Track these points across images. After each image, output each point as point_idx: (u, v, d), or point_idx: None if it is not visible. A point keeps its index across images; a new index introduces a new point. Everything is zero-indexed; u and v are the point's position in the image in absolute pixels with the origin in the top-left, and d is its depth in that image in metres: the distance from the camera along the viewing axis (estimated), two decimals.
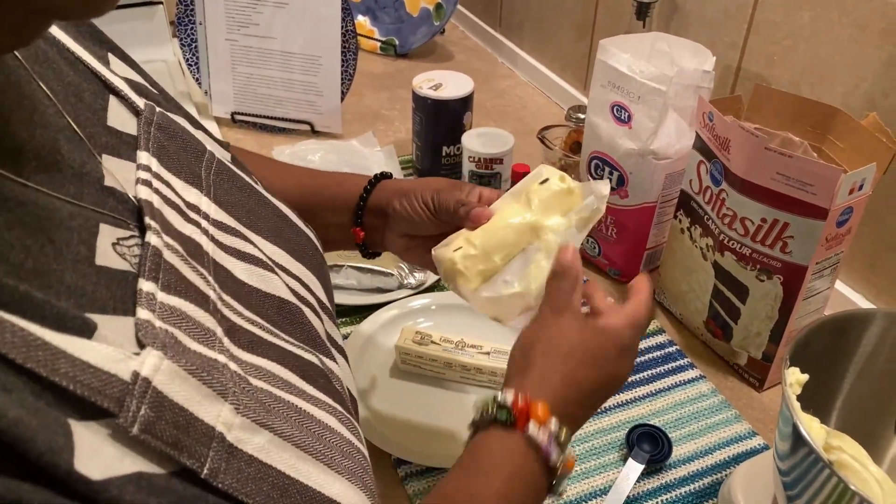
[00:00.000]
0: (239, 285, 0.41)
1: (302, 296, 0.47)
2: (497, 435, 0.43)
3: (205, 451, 0.30)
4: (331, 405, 0.41)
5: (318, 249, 0.55)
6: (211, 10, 1.11)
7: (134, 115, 0.43)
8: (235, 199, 0.47)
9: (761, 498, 0.60)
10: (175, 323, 0.33)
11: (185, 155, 0.45)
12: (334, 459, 0.37)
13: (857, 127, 0.68)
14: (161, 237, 0.36)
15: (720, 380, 0.76)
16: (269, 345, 0.40)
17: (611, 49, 0.79)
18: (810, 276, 0.67)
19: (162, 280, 0.34)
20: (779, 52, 0.85)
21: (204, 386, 0.31)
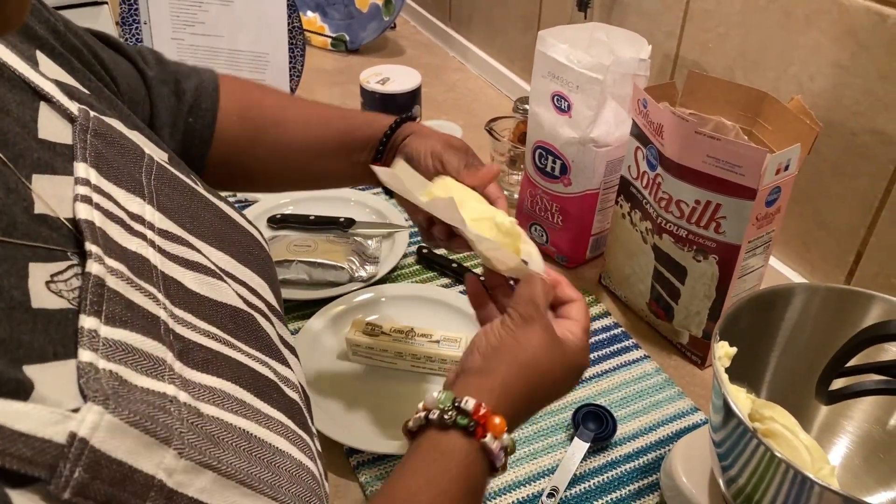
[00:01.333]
0: (191, 296, 0.41)
1: (252, 302, 0.47)
2: (451, 437, 0.42)
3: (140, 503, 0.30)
4: (282, 423, 0.41)
5: (263, 248, 0.55)
6: (155, 10, 1.10)
7: (68, 122, 0.41)
8: (178, 204, 0.47)
9: (700, 470, 0.62)
10: (121, 359, 0.32)
11: (125, 161, 0.43)
12: (281, 487, 0.37)
13: (783, 110, 0.70)
14: (103, 262, 0.35)
15: (664, 359, 0.79)
16: (224, 360, 0.40)
17: (549, 40, 0.81)
18: (744, 255, 0.70)
19: (105, 312, 0.33)
20: (713, 40, 0.88)
21: (146, 435, 0.31)
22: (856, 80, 0.73)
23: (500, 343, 0.47)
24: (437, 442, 0.42)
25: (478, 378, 0.45)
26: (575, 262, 0.92)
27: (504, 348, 0.47)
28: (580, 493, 0.65)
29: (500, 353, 0.46)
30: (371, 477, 0.65)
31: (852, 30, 0.72)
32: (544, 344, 0.47)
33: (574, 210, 0.87)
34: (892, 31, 0.68)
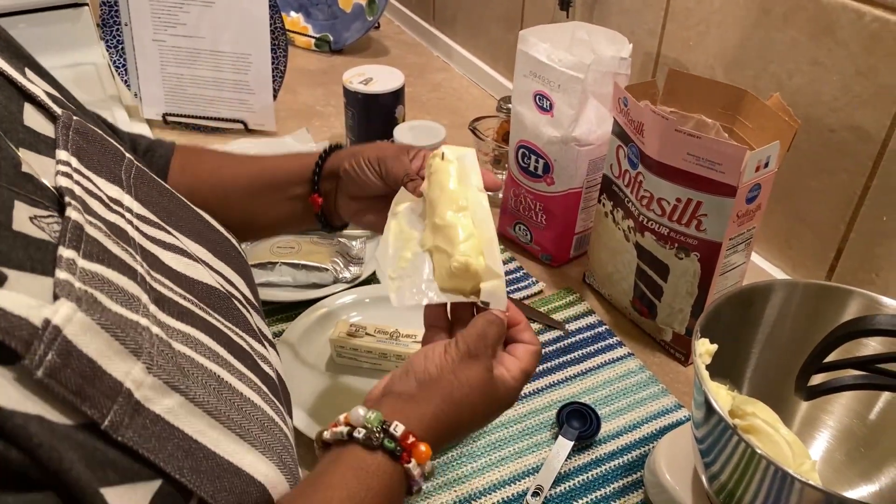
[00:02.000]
0: (167, 269, 0.42)
1: (228, 290, 0.48)
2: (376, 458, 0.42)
3: (108, 404, 0.31)
4: (255, 383, 0.42)
5: (240, 253, 0.56)
6: (136, 11, 1.09)
7: (51, 121, 0.43)
8: (156, 201, 0.48)
9: (683, 467, 0.62)
10: (96, 286, 0.33)
11: (105, 157, 0.45)
12: (251, 431, 0.38)
13: (763, 107, 0.71)
14: (82, 214, 0.36)
15: (648, 356, 0.79)
16: (199, 318, 0.41)
17: (531, 39, 0.81)
18: (725, 252, 0.70)
19: (84, 249, 0.34)
20: (693, 38, 0.88)
21: (116, 342, 0.32)
22: (833, 76, 0.74)
23: (439, 375, 0.46)
24: (361, 459, 0.41)
25: (410, 405, 0.45)
26: (559, 260, 0.92)
27: (442, 381, 0.46)
28: (565, 491, 0.65)
29: (437, 385, 0.46)
30: None
31: (829, 27, 0.72)
32: (481, 384, 0.47)
33: (557, 209, 0.87)
34: (869, 28, 0.69)
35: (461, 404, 0.46)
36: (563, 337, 0.81)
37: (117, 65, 1.15)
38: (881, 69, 0.69)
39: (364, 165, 0.59)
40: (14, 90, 0.42)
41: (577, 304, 0.86)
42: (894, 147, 0.70)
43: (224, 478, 0.36)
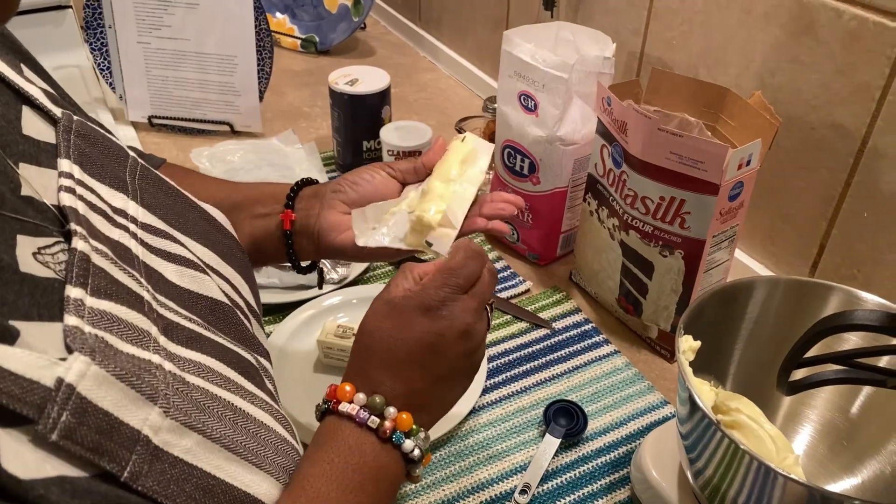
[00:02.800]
0: (171, 287, 0.41)
1: (233, 298, 0.48)
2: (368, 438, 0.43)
3: (127, 455, 0.31)
4: (267, 402, 0.42)
5: (244, 254, 0.55)
6: (120, 14, 1.08)
7: (51, 125, 0.42)
8: (163, 203, 0.47)
9: (669, 463, 0.63)
10: (106, 327, 0.33)
11: (108, 161, 0.44)
12: (266, 457, 0.38)
13: (745, 105, 0.72)
14: (88, 241, 0.35)
15: (634, 353, 0.80)
16: (207, 341, 0.41)
17: (515, 39, 0.81)
18: (709, 249, 0.71)
19: (91, 285, 0.33)
20: (677, 37, 0.89)
21: (132, 390, 0.31)
22: (814, 74, 0.74)
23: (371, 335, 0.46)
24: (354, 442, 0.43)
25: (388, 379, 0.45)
26: (546, 259, 0.92)
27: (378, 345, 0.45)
28: (552, 488, 0.65)
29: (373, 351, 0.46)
30: None
31: (810, 26, 0.73)
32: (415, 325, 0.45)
33: (543, 208, 0.87)
34: (848, 26, 0.70)
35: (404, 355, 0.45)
36: (550, 335, 0.81)
37: (102, 67, 1.15)
38: (860, 67, 0.70)
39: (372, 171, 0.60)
40: (11, 94, 0.41)
41: (564, 302, 0.86)
42: (874, 144, 0.71)
43: None
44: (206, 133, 1.16)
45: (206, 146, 1.09)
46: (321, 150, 1.11)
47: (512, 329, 0.82)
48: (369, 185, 0.60)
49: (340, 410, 0.44)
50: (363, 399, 0.44)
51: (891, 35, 0.67)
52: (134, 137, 1.14)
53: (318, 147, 1.11)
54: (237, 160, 1.05)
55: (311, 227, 0.59)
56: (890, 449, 0.58)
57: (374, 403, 0.43)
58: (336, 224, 0.59)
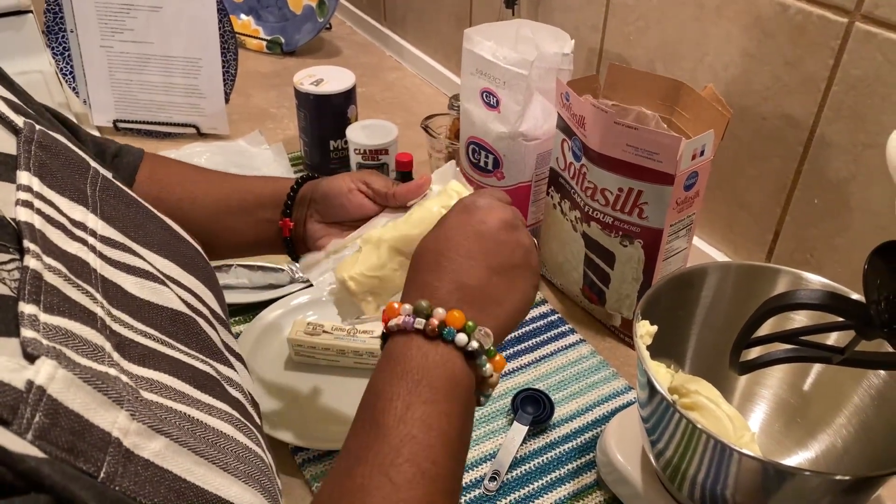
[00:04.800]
0: (130, 299, 0.41)
1: (195, 307, 0.48)
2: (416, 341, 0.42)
3: (101, 456, 0.31)
4: (226, 412, 0.42)
5: (207, 262, 0.56)
6: (81, 18, 1.08)
7: (12, 134, 0.42)
8: (122, 214, 0.47)
9: (632, 446, 0.65)
10: (61, 341, 0.33)
11: (69, 172, 0.44)
12: (230, 464, 0.39)
13: (698, 98, 0.74)
14: (41, 259, 0.35)
15: (599, 342, 0.82)
16: (161, 356, 0.41)
17: (475, 38, 0.83)
18: (667, 238, 0.73)
19: (44, 302, 0.34)
20: (634, 33, 0.91)
21: (99, 393, 0.32)
22: (764, 67, 0.77)
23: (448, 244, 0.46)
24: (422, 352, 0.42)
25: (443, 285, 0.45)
26: None
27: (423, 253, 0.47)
28: (521, 474, 0.67)
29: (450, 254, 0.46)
30: (317, 473, 0.66)
31: (758, 19, 0.76)
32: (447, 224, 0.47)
33: None
34: (793, 20, 0.72)
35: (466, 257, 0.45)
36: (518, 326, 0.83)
37: (65, 72, 1.14)
38: (806, 59, 0.73)
39: (349, 185, 0.60)
40: None
41: None
42: (821, 133, 0.74)
43: None
44: (173, 136, 1.16)
45: (173, 149, 1.09)
46: (289, 150, 1.12)
47: None
48: (337, 201, 0.61)
49: (389, 326, 0.43)
50: (409, 308, 0.43)
51: (834, 28, 0.69)
52: None
53: (285, 147, 1.11)
54: (204, 162, 1.05)
55: (300, 233, 0.63)
56: (839, 423, 0.61)
57: (420, 307, 0.42)
58: (313, 233, 0.62)
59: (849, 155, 0.72)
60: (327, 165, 1.07)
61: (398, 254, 0.54)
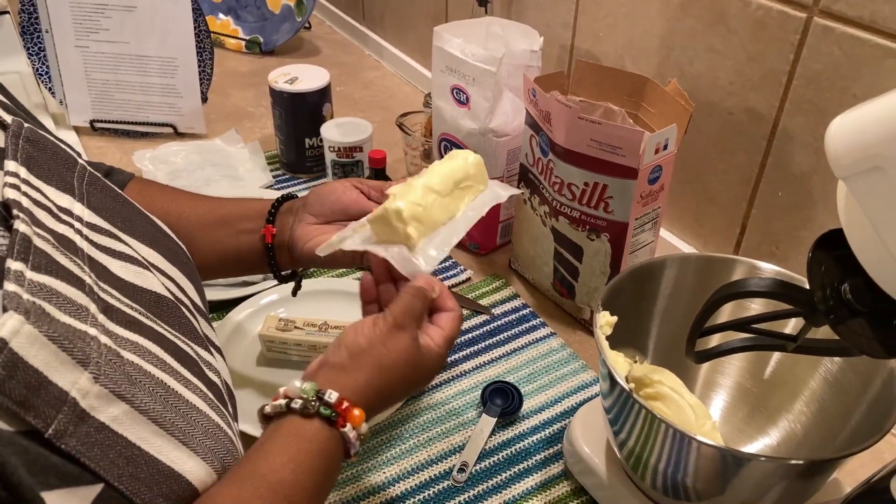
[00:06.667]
0: (115, 279, 0.42)
1: (177, 296, 0.49)
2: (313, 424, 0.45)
3: (53, 413, 0.32)
4: (202, 390, 0.43)
5: (190, 259, 0.57)
6: (56, 18, 1.08)
7: (1, 129, 0.43)
8: (109, 206, 0.48)
9: (598, 436, 0.66)
10: (44, 297, 0.34)
11: (56, 165, 0.45)
12: (194, 437, 0.40)
13: (662, 93, 0.75)
14: (31, 227, 0.36)
15: (569, 334, 0.83)
16: (148, 327, 0.42)
17: (445, 35, 0.84)
18: (632, 231, 0.74)
19: (32, 261, 0.35)
20: (603, 30, 0.92)
21: (63, 353, 0.33)
22: (728, 62, 0.78)
23: (369, 345, 0.50)
24: (300, 427, 0.45)
25: (342, 374, 0.48)
26: (486, 248, 0.95)
27: (371, 351, 0.50)
28: (489, 465, 0.68)
29: (366, 354, 0.50)
30: None
31: (722, 16, 0.77)
32: (408, 352, 0.51)
33: None
34: (755, 16, 0.74)
35: (390, 371, 0.50)
36: (490, 321, 0.84)
37: (40, 73, 1.14)
38: (768, 54, 0.74)
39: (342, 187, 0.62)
40: None
41: (503, 288, 0.89)
42: (784, 127, 0.75)
43: (164, 483, 0.37)
44: (150, 136, 1.17)
45: (150, 148, 1.09)
46: (266, 149, 1.12)
47: None
48: (333, 197, 0.63)
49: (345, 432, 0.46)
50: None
51: (793, 23, 0.71)
52: (76, 142, 1.14)
53: (262, 146, 1.12)
54: (180, 161, 1.05)
55: (286, 240, 0.64)
56: (798, 409, 0.62)
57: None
58: (304, 234, 0.63)
59: (810, 148, 0.73)
60: (303, 163, 1.07)
61: (430, 191, 0.57)
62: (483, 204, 0.61)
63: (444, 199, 0.57)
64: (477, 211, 0.60)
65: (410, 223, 0.55)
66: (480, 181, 0.61)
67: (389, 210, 0.55)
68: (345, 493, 0.65)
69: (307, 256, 0.62)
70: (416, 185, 0.57)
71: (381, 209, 0.55)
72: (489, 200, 0.61)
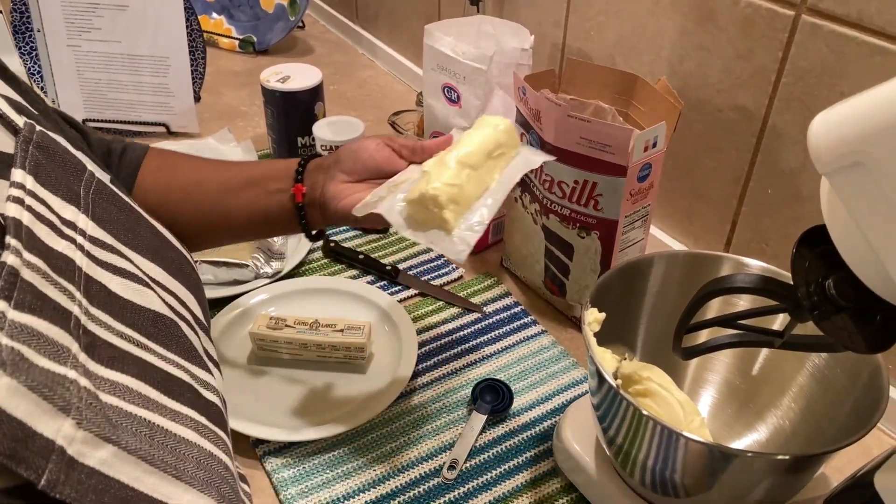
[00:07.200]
0: (112, 298, 0.42)
1: (178, 311, 0.48)
2: None
3: (43, 464, 0.31)
4: (192, 419, 0.42)
5: (194, 270, 0.56)
6: (48, 17, 1.08)
7: (12, 134, 0.42)
8: (114, 217, 0.47)
9: (588, 433, 0.66)
10: (24, 340, 0.33)
11: (64, 173, 0.44)
12: (187, 471, 0.39)
13: (652, 91, 0.75)
14: (21, 256, 0.35)
15: (560, 332, 0.83)
16: (133, 359, 0.41)
17: (436, 33, 0.84)
18: (622, 229, 0.74)
19: (16, 298, 0.34)
20: (594, 28, 0.93)
21: (44, 402, 0.32)
22: (717, 60, 0.78)
23: None
24: None
25: None
26: (479, 247, 0.95)
27: None
28: (480, 463, 0.68)
29: None
30: (278, 465, 0.67)
31: (711, 14, 0.77)
32: None
33: None
34: (743, 13, 0.74)
35: None
36: (482, 319, 0.84)
37: (32, 72, 1.14)
38: (757, 51, 0.74)
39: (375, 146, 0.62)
40: None
41: (495, 286, 0.89)
42: (773, 124, 0.75)
43: None
44: (143, 135, 1.16)
45: None
46: (258, 147, 1.12)
47: (444, 315, 0.85)
48: (366, 154, 0.62)
49: None
50: None
51: (781, 21, 0.71)
52: None
53: (255, 145, 1.12)
54: None
55: (317, 198, 0.63)
56: (786, 404, 0.62)
57: None
58: (338, 193, 0.62)
59: (799, 145, 0.73)
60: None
61: (465, 166, 0.57)
62: (515, 172, 0.60)
63: (477, 171, 0.58)
64: (509, 181, 0.60)
65: (447, 206, 0.55)
66: (512, 146, 0.61)
67: (427, 196, 0.55)
68: (334, 491, 0.65)
69: (340, 215, 0.62)
70: (450, 161, 0.57)
71: (418, 193, 0.55)
72: (521, 167, 0.61)
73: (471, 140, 0.59)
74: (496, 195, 0.58)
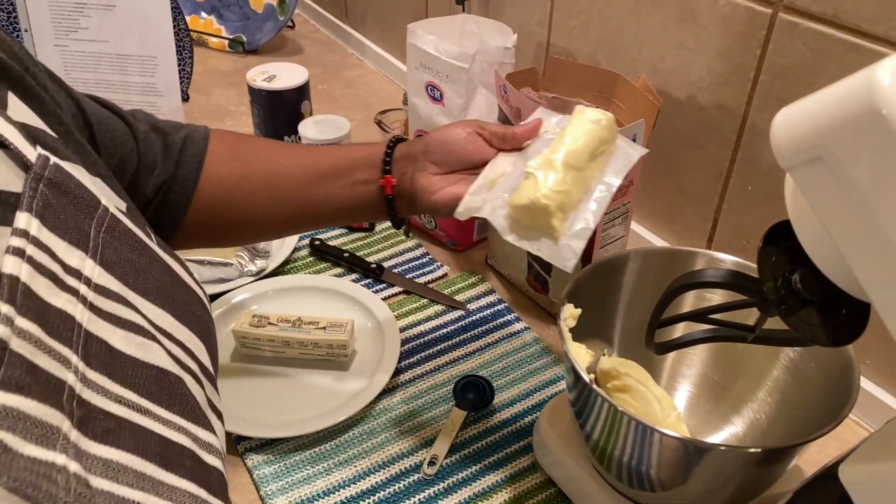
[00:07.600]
0: (114, 356, 0.40)
1: (184, 363, 0.47)
2: None
3: None
4: (190, 493, 0.41)
5: (206, 310, 0.54)
6: (35, 17, 1.08)
7: (22, 171, 0.39)
8: (124, 258, 0.45)
9: (565, 429, 0.66)
10: (9, 426, 0.32)
11: (75, 212, 0.42)
12: None
13: (632, 89, 0.76)
14: (12, 325, 0.34)
15: (542, 329, 0.83)
16: (130, 428, 0.40)
17: (419, 32, 0.84)
18: (602, 226, 0.75)
19: (2, 376, 0.33)
20: (577, 27, 0.93)
21: (27, 502, 0.31)
22: (698, 58, 0.79)
23: None
24: None
25: None
26: (463, 245, 0.95)
27: None
28: (460, 458, 0.68)
29: None
30: (259, 462, 0.68)
31: (691, 12, 0.78)
32: None
33: None
34: (723, 12, 0.74)
35: None
36: (465, 316, 0.85)
37: None
38: (736, 49, 0.74)
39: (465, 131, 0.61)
40: None
41: (479, 284, 0.89)
42: (752, 121, 0.76)
43: None
44: None
45: None
46: None
47: (428, 312, 0.85)
48: (457, 146, 0.61)
49: None
50: None
51: (759, 19, 0.71)
52: None
53: None
54: None
55: (406, 189, 0.62)
56: (761, 398, 0.63)
57: None
58: (429, 186, 0.61)
59: None
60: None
61: (571, 168, 0.56)
62: (617, 173, 0.59)
63: (581, 173, 0.57)
64: (612, 183, 0.58)
65: (556, 214, 0.55)
66: (611, 140, 0.60)
67: (538, 205, 0.54)
68: (314, 487, 0.65)
69: (432, 208, 0.61)
70: (557, 163, 0.56)
71: (527, 199, 0.54)
72: (622, 167, 0.59)
73: (576, 139, 0.57)
74: (601, 200, 0.57)
